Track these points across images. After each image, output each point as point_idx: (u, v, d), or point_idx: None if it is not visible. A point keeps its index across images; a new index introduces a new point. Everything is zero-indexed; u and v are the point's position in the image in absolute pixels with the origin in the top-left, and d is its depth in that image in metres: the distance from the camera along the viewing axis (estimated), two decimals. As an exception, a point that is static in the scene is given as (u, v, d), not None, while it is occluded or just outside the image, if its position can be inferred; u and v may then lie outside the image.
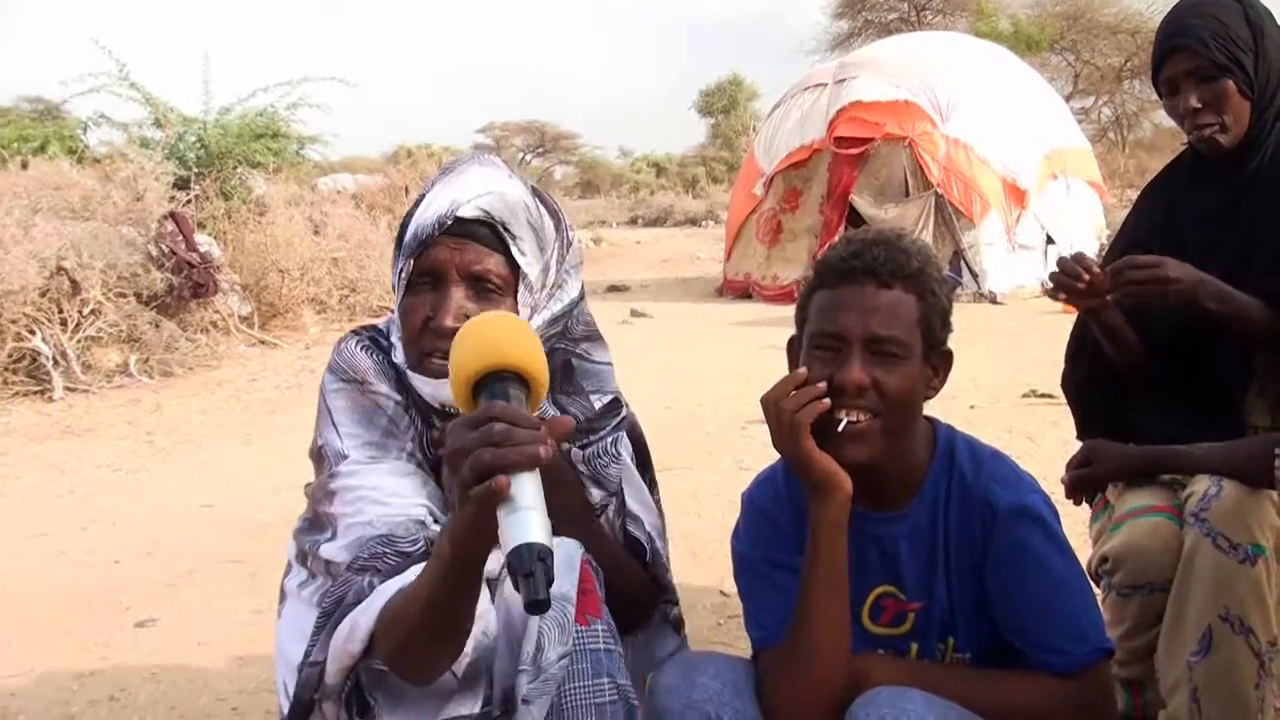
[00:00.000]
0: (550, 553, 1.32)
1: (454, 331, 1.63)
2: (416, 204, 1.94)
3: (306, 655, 1.77)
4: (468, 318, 1.78)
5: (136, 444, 6.93)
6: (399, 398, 1.92)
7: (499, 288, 1.88)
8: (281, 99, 12.92)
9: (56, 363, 8.53)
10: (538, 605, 1.30)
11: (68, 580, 4.41)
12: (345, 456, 1.87)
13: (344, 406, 1.92)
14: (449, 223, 1.85)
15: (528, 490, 1.34)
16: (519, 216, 1.90)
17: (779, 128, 14.42)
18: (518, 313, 1.89)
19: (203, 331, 10.06)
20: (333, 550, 1.83)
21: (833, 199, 13.20)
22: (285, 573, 2.04)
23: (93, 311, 8.94)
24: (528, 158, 55.02)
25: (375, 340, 1.98)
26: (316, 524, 1.93)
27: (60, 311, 8.82)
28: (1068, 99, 23.56)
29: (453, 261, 1.86)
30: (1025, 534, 1.88)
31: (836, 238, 2.24)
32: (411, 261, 1.88)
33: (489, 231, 1.87)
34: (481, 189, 1.89)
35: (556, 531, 1.36)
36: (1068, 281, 2.46)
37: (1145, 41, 29.68)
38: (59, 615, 4.03)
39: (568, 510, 1.89)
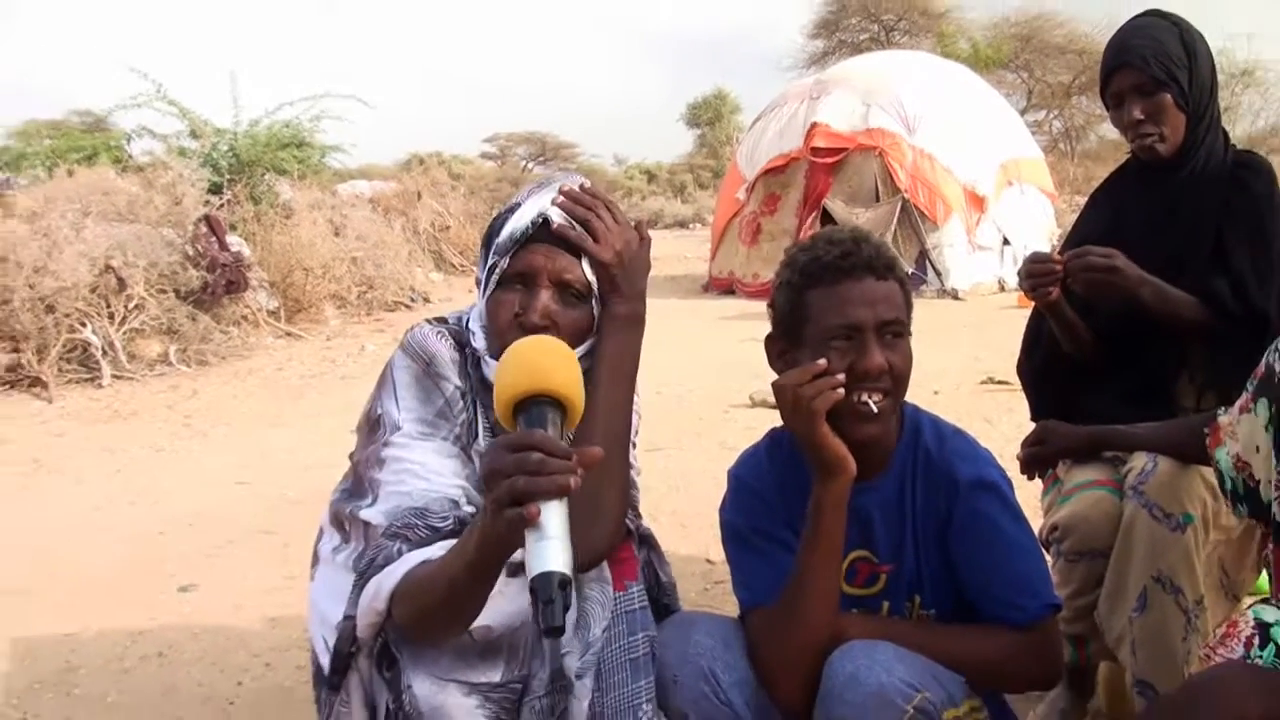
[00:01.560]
0: (570, 581, 1.34)
1: (540, 328, 1.75)
2: (510, 210, 1.96)
3: (345, 612, 1.80)
4: (553, 319, 1.86)
5: (176, 427, 6.95)
6: (460, 384, 1.94)
7: (582, 294, 1.92)
8: (305, 112, 12.96)
9: (105, 353, 8.55)
10: (554, 631, 1.32)
11: (118, 550, 4.46)
12: (399, 428, 1.89)
13: (407, 381, 1.93)
14: (540, 222, 1.89)
15: (554, 519, 1.36)
16: None
17: (760, 138, 14.41)
18: (593, 317, 1.93)
19: (235, 324, 10.06)
20: (371, 513, 1.85)
21: (808, 203, 13.22)
22: (318, 538, 2.06)
23: (136, 306, 8.95)
24: (530, 165, 54.80)
25: (452, 331, 1.99)
26: (357, 491, 1.95)
27: (108, 306, 8.84)
28: (1022, 113, 23.54)
29: (545, 268, 1.88)
30: (984, 503, 1.92)
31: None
32: (507, 260, 1.90)
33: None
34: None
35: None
36: (1043, 268, 2.48)
37: (1092, 60, 29.68)
38: (111, 581, 4.07)
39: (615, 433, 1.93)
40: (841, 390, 1.80)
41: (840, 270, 1.87)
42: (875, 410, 1.84)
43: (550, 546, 1.35)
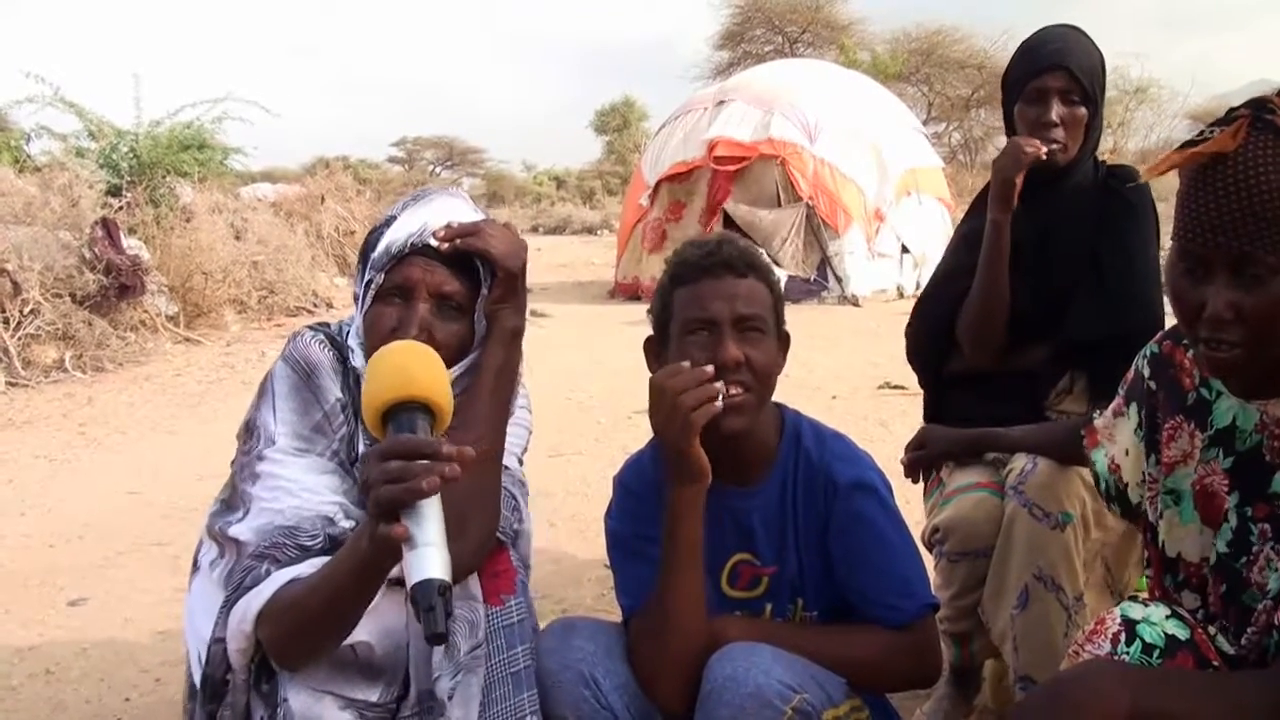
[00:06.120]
0: (449, 586, 1.33)
1: None
2: (385, 224, 1.92)
3: (213, 633, 1.76)
4: (430, 333, 1.82)
5: (70, 435, 6.75)
6: (341, 396, 1.89)
7: (459, 307, 1.89)
8: (207, 113, 12.69)
9: (-1, 359, 8.29)
10: (437, 638, 1.32)
11: (6, 562, 4.33)
12: (274, 442, 1.84)
13: (285, 392, 1.88)
14: (420, 245, 1.85)
15: (429, 526, 1.36)
16: None
17: (664, 146, 14.46)
18: (473, 331, 1.91)
19: (132, 330, 9.80)
20: (241, 530, 1.80)
21: (711, 210, 13.31)
22: (198, 546, 2.01)
23: (32, 311, 8.68)
24: (438, 170, 54.36)
25: (331, 338, 1.95)
26: (231, 505, 1.90)
27: (2, 311, 8.57)
28: (922, 125, 23.97)
29: (424, 280, 1.85)
30: (862, 505, 1.95)
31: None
32: (382, 275, 1.86)
33: (456, 257, 1.88)
34: (451, 218, 1.90)
35: None
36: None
37: (990, 75, 30.43)
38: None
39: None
40: (719, 404, 1.79)
41: (702, 269, 1.91)
42: (723, 402, 1.82)
43: (427, 554, 1.34)
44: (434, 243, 1.86)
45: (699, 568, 1.87)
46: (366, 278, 1.89)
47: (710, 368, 1.81)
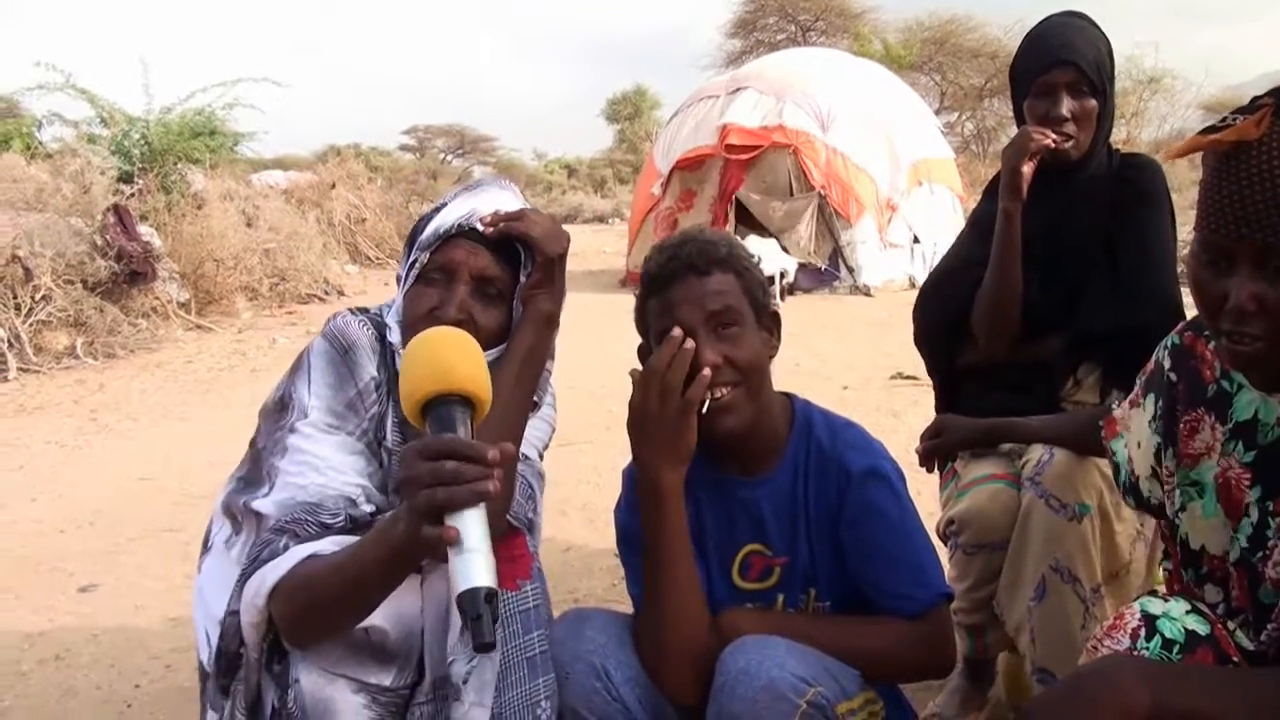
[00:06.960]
0: (495, 593, 1.31)
1: (456, 323, 1.71)
2: (436, 210, 1.97)
3: (228, 605, 1.76)
4: (470, 313, 1.85)
5: (82, 421, 6.78)
6: (376, 374, 1.91)
7: (500, 292, 1.92)
8: (218, 99, 12.70)
9: (11, 345, 8.32)
10: (485, 647, 1.30)
11: (17, 548, 4.35)
12: (307, 415, 1.85)
13: (322, 366, 1.90)
14: (468, 227, 1.89)
15: (474, 531, 1.34)
16: None
17: (676, 134, 14.41)
18: (510, 319, 1.93)
19: (144, 316, 9.85)
20: (263, 504, 1.82)
21: (723, 199, 13.27)
22: (210, 526, 2.02)
23: (44, 297, 8.73)
24: (449, 158, 54.31)
25: (373, 320, 1.97)
26: (254, 479, 1.92)
27: (14, 297, 8.62)
28: (935, 114, 23.86)
29: (466, 263, 1.88)
30: (875, 493, 1.93)
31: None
32: (428, 255, 1.90)
33: (500, 245, 1.91)
34: (499, 206, 1.94)
35: None
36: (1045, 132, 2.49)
37: (1003, 65, 30.02)
38: (9, 581, 3.97)
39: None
40: (715, 396, 1.79)
41: (665, 276, 1.90)
42: (706, 407, 1.82)
43: (472, 560, 1.32)
44: (480, 227, 1.89)
45: (689, 557, 1.87)
46: (412, 258, 1.93)
47: (678, 331, 1.81)
